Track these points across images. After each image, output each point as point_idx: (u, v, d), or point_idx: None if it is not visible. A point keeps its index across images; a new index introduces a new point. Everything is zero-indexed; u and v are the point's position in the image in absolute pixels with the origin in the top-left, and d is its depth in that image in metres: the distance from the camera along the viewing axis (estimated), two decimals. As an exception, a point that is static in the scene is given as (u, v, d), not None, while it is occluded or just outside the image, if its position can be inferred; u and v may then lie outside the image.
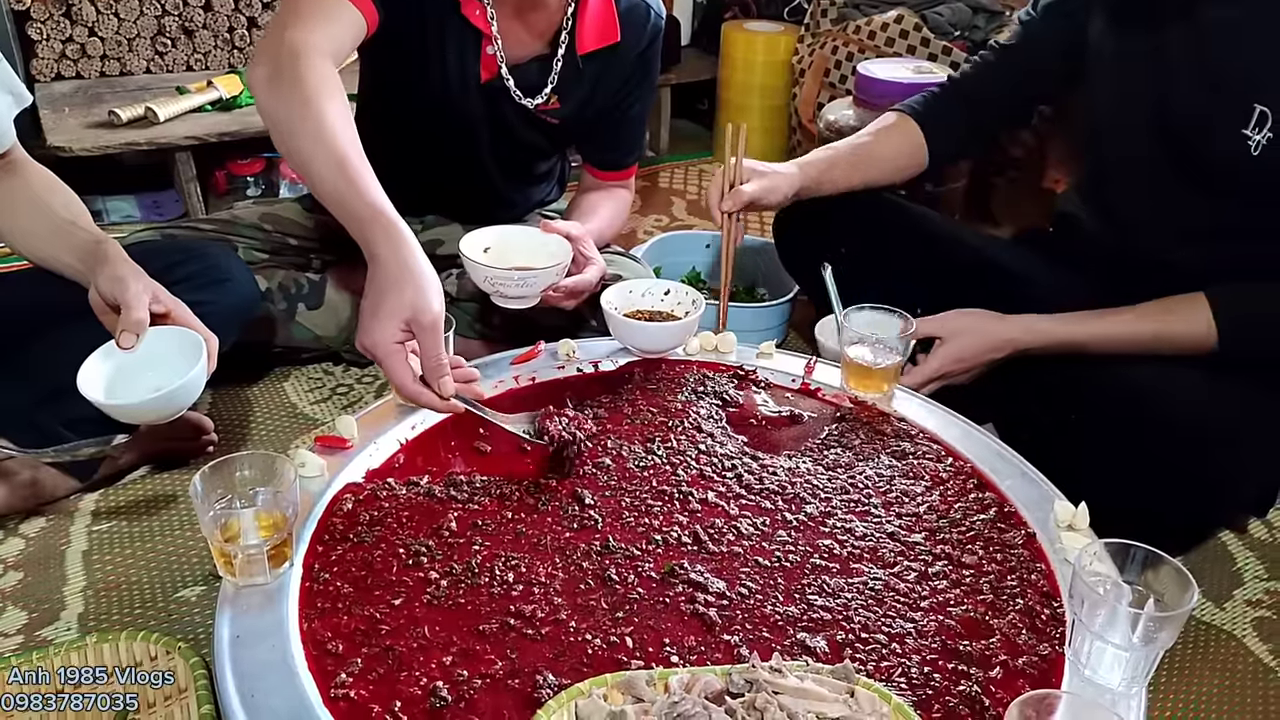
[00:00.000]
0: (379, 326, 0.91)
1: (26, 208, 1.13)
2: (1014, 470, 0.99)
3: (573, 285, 1.23)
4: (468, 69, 1.36)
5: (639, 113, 1.51)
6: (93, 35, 2.16)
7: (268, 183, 2.15)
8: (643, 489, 0.93)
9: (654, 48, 1.45)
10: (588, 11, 1.35)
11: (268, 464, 0.83)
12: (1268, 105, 1.07)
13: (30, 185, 1.15)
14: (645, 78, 1.47)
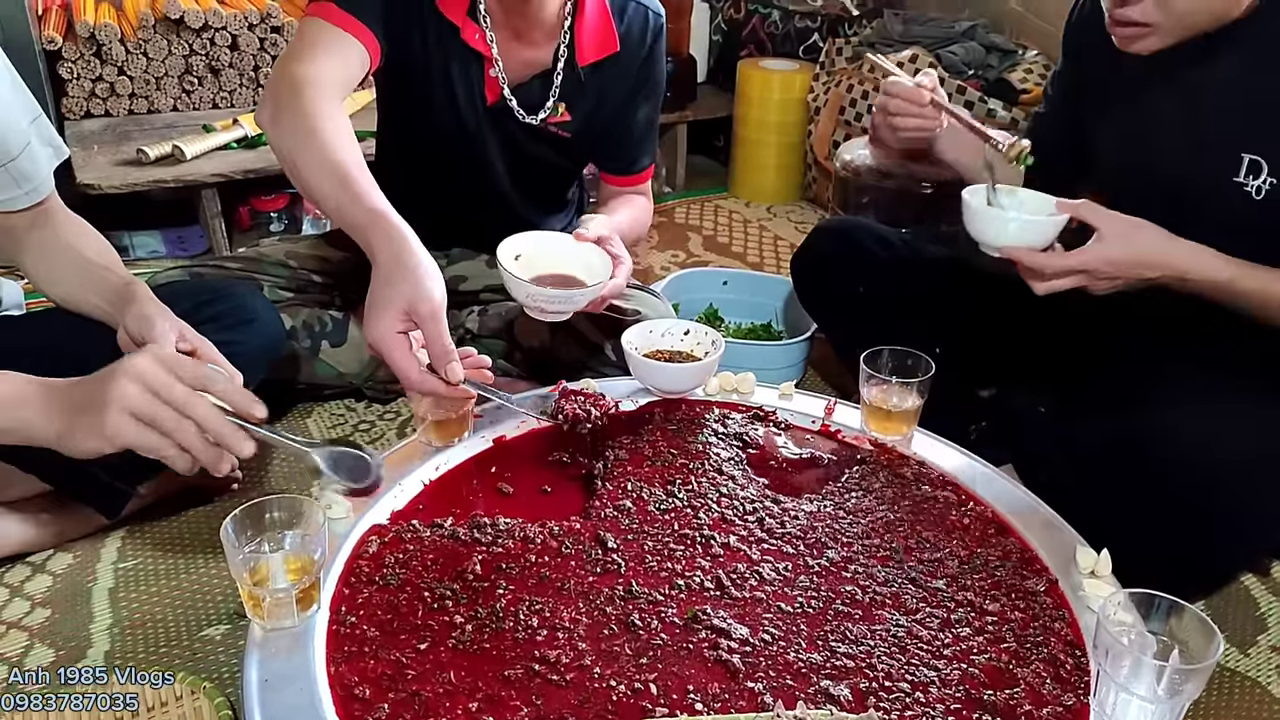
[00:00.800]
0: (378, 320, 0.95)
1: (60, 255, 1.16)
2: (1035, 516, 0.99)
3: (607, 292, 1.23)
4: (473, 93, 1.40)
5: (648, 114, 1.52)
6: (122, 74, 2.21)
7: (290, 218, 2.18)
8: (665, 532, 0.94)
9: (656, 49, 1.47)
10: (585, 24, 1.38)
11: (296, 507, 0.84)
12: (1257, 154, 1.09)
13: (64, 233, 1.18)
14: (650, 79, 1.48)
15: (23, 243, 1.18)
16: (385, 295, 0.95)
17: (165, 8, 2.18)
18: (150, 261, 2.05)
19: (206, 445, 0.84)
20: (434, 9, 1.34)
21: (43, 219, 1.17)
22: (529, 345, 1.49)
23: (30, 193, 1.14)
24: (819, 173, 2.42)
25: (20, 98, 1.13)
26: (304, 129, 1.10)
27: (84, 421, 0.84)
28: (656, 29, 1.45)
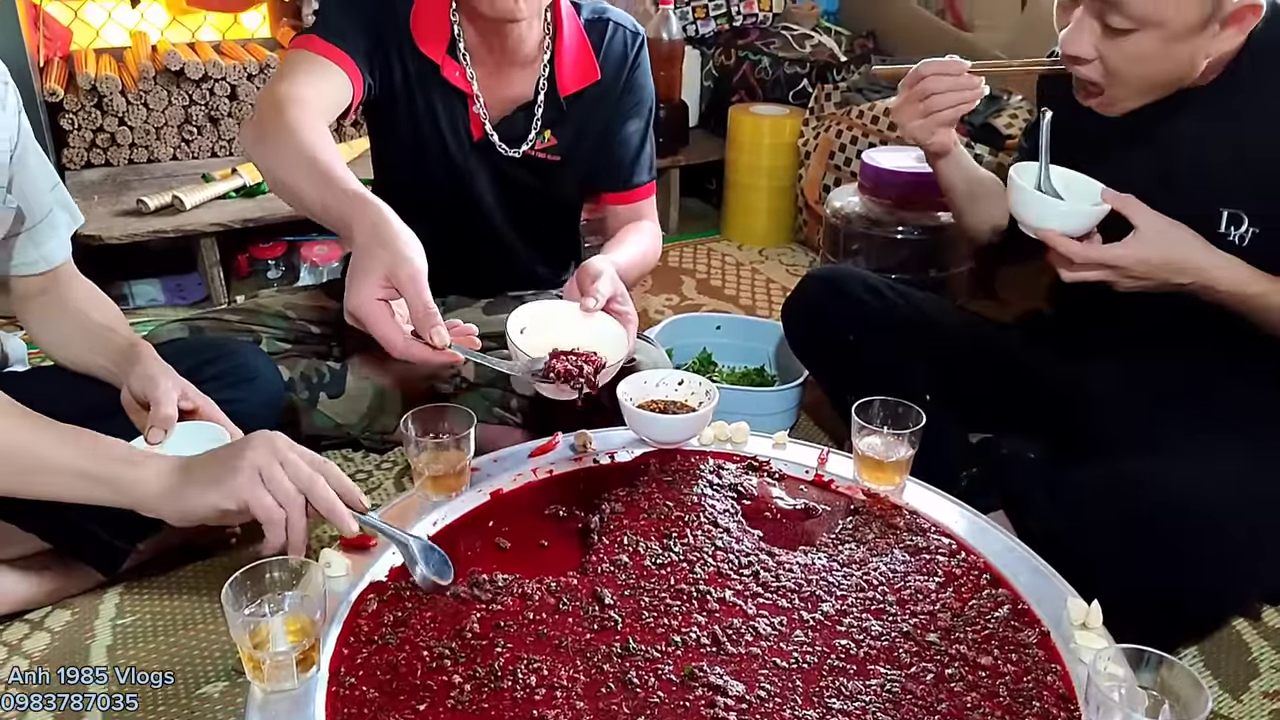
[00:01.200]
0: (357, 289, 0.94)
1: (68, 319, 1.20)
2: (1026, 565, 1.01)
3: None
4: (459, 130, 1.43)
5: (639, 128, 1.51)
6: (123, 125, 2.24)
7: (288, 265, 2.20)
8: (661, 587, 0.95)
9: (638, 67, 1.48)
10: (564, 55, 1.41)
11: (297, 568, 0.85)
12: (1235, 207, 1.12)
13: (74, 297, 1.22)
14: (635, 96, 1.49)
15: (31, 308, 1.21)
16: (363, 265, 0.95)
17: (166, 60, 2.22)
18: (149, 310, 2.06)
19: (304, 528, 0.92)
20: (414, 47, 1.37)
21: (55, 283, 1.20)
22: (524, 394, 1.50)
23: (48, 257, 1.18)
24: (810, 216, 2.45)
25: (43, 167, 1.18)
26: (285, 137, 1.12)
27: (205, 478, 0.91)
28: (637, 48, 1.47)
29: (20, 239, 1.17)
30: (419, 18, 1.36)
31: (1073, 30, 1.10)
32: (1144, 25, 1.04)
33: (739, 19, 2.70)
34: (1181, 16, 1.04)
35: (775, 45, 2.64)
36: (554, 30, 1.41)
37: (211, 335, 1.40)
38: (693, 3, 2.68)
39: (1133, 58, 1.07)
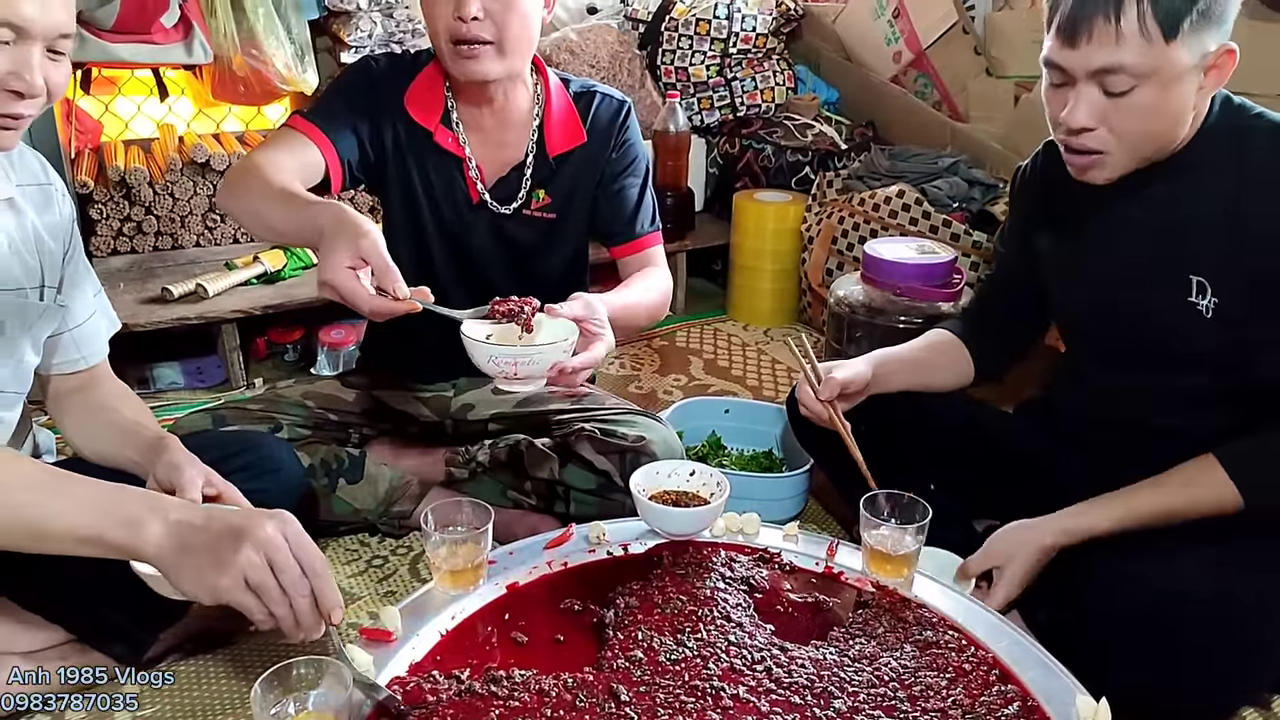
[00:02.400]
0: (328, 263, 1.10)
1: (99, 415, 1.25)
2: (1034, 661, 1.02)
3: (579, 363, 1.24)
4: (456, 194, 1.52)
5: (636, 185, 1.58)
6: (149, 213, 2.32)
7: (305, 349, 2.26)
8: (675, 684, 0.97)
9: (627, 131, 1.57)
10: (552, 120, 1.52)
11: (323, 667, 0.88)
12: (1203, 276, 1.18)
13: (106, 395, 1.28)
14: (626, 158, 1.57)
15: (66, 404, 1.26)
16: (331, 245, 1.11)
17: (192, 152, 2.31)
18: (169, 393, 2.11)
19: (293, 621, 0.89)
20: (409, 119, 1.48)
21: (90, 382, 1.25)
22: (538, 476, 1.53)
23: (88, 357, 1.24)
24: (813, 298, 2.51)
25: (88, 273, 1.26)
26: (253, 177, 1.29)
27: (196, 565, 0.88)
28: (624, 114, 1.57)
29: (64, 338, 1.23)
30: (414, 93, 1.49)
31: (1076, 104, 1.14)
32: (1142, 79, 1.09)
33: (743, 109, 2.80)
34: (1172, 62, 1.09)
35: (778, 134, 2.74)
36: (542, 98, 1.53)
37: (236, 429, 1.44)
38: (698, 94, 2.79)
39: (1136, 113, 1.12)
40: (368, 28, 2.39)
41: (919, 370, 1.46)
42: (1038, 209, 1.38)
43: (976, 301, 1.57)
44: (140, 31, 2.14)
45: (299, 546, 0.89)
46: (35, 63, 1.03)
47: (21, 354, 1.19)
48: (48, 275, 1.20)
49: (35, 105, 1.06)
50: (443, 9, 1.37)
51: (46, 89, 1.06)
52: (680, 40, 2.75)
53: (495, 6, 1.36)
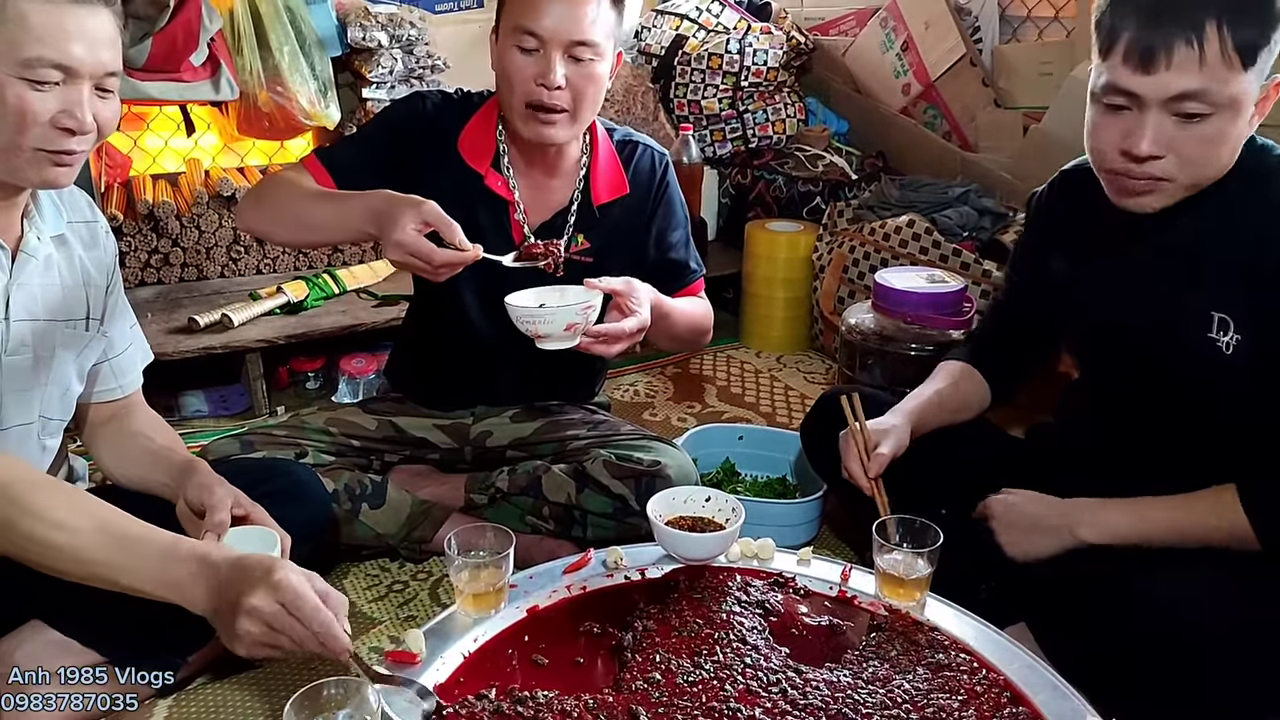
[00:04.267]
0: (397, 228, 1.24)
1: (131, 442, 1.30)
2: (1045, 683, 1.04)
3: (606, 330, 1.36)
4: (501, 235, 1.55)
5: (680, 237, 1.65)
6: (175, 245, 2.38)
7: (327, 378, 2.30)
8: (693, 705, 0.99)
9: (666, 185, 1.64)
10: (599, 169, 1.57)
11: (352, 688, 0.91)
12: (1225, 313, 1.17)
13: (138, 424, 1.33)
14: (667, 211, 1.64)
15: (100, 433, 1.31)
16: (394, 214, 1.26)
17: (218, 185, 2.38)
18: (195, 421, 2.16)
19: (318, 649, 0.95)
20: (461, 162, 1.53)
21: (124, 410, 1.30)
22: (556, 501, 1.56)
23: (124, 386, 1.29)
24: (825, 325, 2.54)
25: (126, 306, 1.31)
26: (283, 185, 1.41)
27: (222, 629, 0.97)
28: (664, 168, 1.64)
29: (103, 368, 1.28)
30: (467, 137, 1.54)
31: (1143, 131, 1.10)
32: (1218, 107, 1.07)
33: (754, 141, 2.85)
34: (1245, 90, 1.07)
35: (789, 165, 2.79)
36: (590, 148, 1.58)
37: (263, 455, 1.48)
38: (711, 127, 2.84)
39: (1204, 141, 1.09)
40: (389, 64, 2.46)
41: (948, 410, 1.46)
42: (1053, 235, 1.39)
43: (985, 325, 1.58)
44: (170, 70, 2.21)
45: (295, 606, 0.92)
46: (85, 101, 1.08)
47: (68, 383, 1.24)
48: (93, 308, 1.25)
49: (86, 142, 1.11)
50: (523, 73, 1.41)
51: (97, 126, 1.11)
52: (693, 74, 2.81)
53: (576, 77, 1.42)
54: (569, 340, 1.36)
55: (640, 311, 1.40)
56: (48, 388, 1.21)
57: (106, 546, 1.00)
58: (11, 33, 1.03)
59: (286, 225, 1.41)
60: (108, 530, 1.01)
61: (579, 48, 1.41)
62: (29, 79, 1.05)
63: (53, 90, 1.06)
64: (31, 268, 1.17)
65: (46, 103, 1.06)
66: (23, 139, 1.06)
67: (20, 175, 1.10)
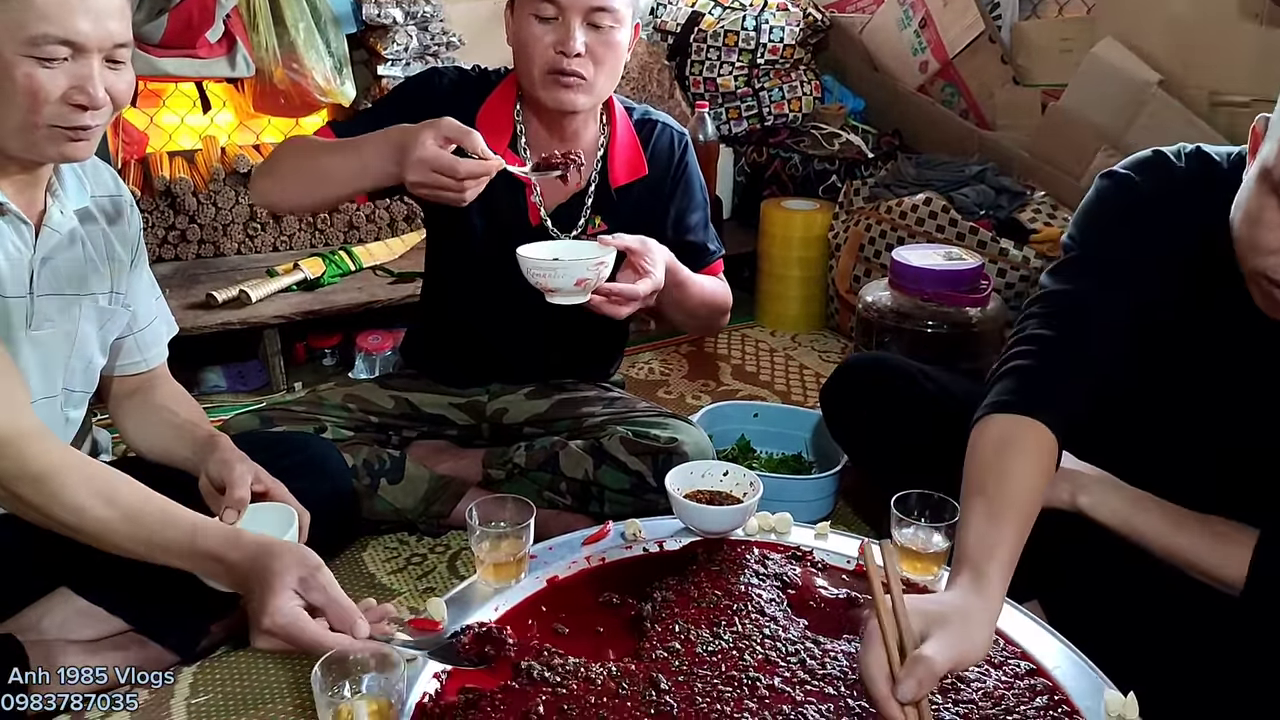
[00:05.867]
0: (419, 145, 1.23)
1: (155, 415, 1.32)
2: (1063, 655, 1.05)
3: (617, 289, 1.34)
4: (519, 217, 1.54)
5: (699, 218, 1.64)
6: (193, 222, 2.39)
7: (343, 355, 2.32)
8: (713, 674, 1.00)
9: (685, 165, 1.62)
10: (617, 150, 1.55)
11: (379, 653, 0.92)
12: None
13: (163, 396, 1.35)
14: (686, 191, 1.62)
15: (125, 406, 1.33)
16: (416, 134, 1.26)
17: (234, 162, 2.38)
18: (213, 396, 2.17)
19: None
20: None
21: (149, 383, 1.31)
22: (573, 476, 1.57)
23: (149, 360, 1.30)
24: (841, 304, 2.54)
25: (152, 281, 1.34)
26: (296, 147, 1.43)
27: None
28: (683, 148, 1.62)
29: (128, 341, 1.30)
30: (485, 115, 1.52)
31: None
32: None
33: (770, 119, 2.84)
34: None
35: (805, 143, 2.77)
36: (608, 128, 1.57)
37: (283, 430, 1.49)
38: (726, 105, 2.83)
39: None
40: (404, 41, 2.46)
41: (1026, 522, 1.02)
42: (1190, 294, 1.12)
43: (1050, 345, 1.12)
44: (186, 46, 2.21)
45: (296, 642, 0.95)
46: (96, 75, 1.07)
47: (91, 355, 1.25)
48: (116, 282, 1.26)
49: (101, 116, 1.10)
50: (542, 41, 1.40)
51: (111, 99, 1.10)
52: (709, 51, 2.80)
53: (596, 44, 1.41)
54: (579, 296, 1.34)
55: (654, 272, 1.38)
56: (71, 361, 1.23)
57: (133, 538, 1.05)
58: (15, 11, 1.02)
59: (303, 183, 1.39)
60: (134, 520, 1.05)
61: (598, 14, 1.39)
62: (36, 57, 1.03)
63: (61, 66, 1.05)
64: (55, 242, 1.18)
65: (56, 79, 1.05)
66: (36, 117, 1.06)
67: (38, 151, 1.10)
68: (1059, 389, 1.08)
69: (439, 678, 0.99)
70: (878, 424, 1.49)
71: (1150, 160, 1.15)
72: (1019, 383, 1.09)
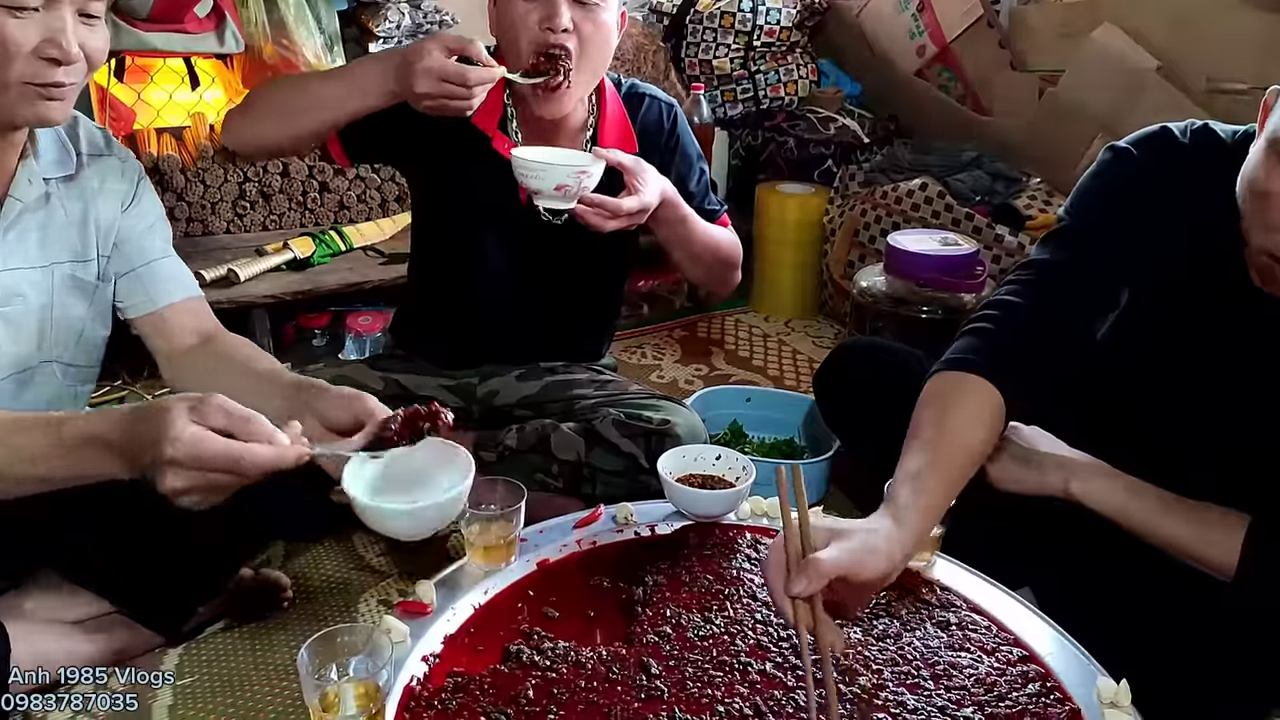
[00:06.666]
0: (427, 56, 1.24)
1: (226, 366, 1.22)
2: (1055, 642, 1.04)
3: (602, 200, 1.35)
4: (506, 196, 1.52)
5: (697, 179, 1.62)
6: (180, 200, 2.36)
7: (333, 335, 2.30)
8: (704, 659, 0.99)
9: (676, 138, 1.60)
10: (606, 126, 1.53)
11: (366, 636, 0.91)
12: None
13: (227, 347, 1.26)
14: (684, 157, 1.60)
15: (181, 366, 1.26)
16: (416, 49, 1.26)
17: (223, 140, 2.35)
18: (200, 377, 2.15)
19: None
20: (466, 119, 1.46)
21: (200, 336, 1.27)
22: (564, 459, 1.56)
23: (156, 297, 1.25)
24: (835, 290, 2.53)
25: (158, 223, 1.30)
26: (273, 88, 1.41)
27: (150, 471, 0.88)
28: (673, 118, 1.60)
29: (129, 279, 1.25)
30: None
31: None
32: None
33: (766, 102, 2.82)
34: None
35: (801, 127, 2.75)
36: (598, 105, 1.54)
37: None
38: (722, 87, 2.80)
39: None
40: (396, 18, 2.42)
41: (957, 471, 1.04)
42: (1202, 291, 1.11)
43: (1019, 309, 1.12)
44: (174, 21, 2.17)
45: (207, 460, 0.85)
46: (69, 28, 1.01)
47: (81, 328, 1.21)
48: (102, 245, 1.22)
49: (75, 73, 1.04)
50: (527, 19, 1.38)
51: (85, 56, 1.04)
52: (704, 33, 2.77)
53: (583, 21, 1.39)
54: (561, 201, 1.35)
55: (643, 191, 1.38)
56: (51, 333, 1.19)
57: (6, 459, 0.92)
58: None
59: (286, 114, 1.36)
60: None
61: None
62: (6, 4, 0.98)
63: (32, 17, 1.00)
64: (19, 212, 1.13)
65: (26, 30, 1.00)
66: (7, 73, 1.01)
67: (11, 112, 1.05)
68: (1014, 356, 1.09)
69: (426, 660, 0.98)
70: (871, 409, 1.48)
71: (1154, 136, 1.13)
72: (977, 343, 1.11)
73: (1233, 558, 1.06)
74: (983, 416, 1.06)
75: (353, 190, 2.50)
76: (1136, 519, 1.13)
